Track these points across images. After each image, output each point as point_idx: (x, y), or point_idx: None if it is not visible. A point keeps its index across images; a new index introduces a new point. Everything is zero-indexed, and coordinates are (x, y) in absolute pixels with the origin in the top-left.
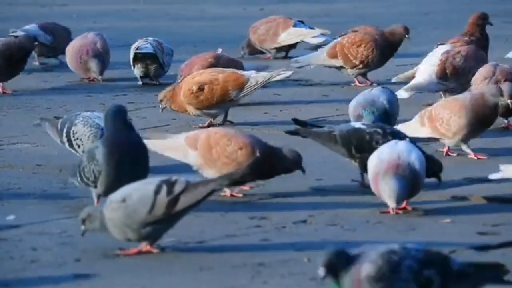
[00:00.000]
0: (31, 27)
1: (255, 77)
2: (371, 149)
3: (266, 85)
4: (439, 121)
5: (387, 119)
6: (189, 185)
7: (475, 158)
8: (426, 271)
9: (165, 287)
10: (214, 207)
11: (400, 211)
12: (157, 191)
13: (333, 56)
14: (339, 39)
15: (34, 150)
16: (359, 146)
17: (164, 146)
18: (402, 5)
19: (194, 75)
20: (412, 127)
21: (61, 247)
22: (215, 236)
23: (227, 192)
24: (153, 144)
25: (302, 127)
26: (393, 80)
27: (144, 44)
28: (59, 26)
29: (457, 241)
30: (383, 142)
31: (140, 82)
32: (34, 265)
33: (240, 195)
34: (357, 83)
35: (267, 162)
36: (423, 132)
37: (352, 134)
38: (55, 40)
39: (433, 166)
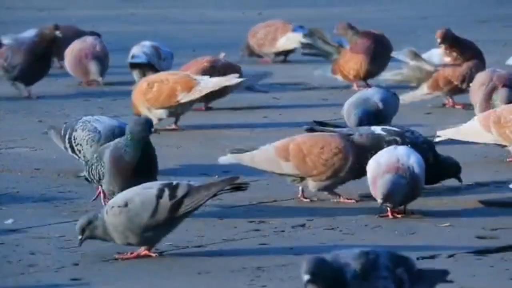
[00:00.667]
0: (29, 33)
1: (206, 81)
2: None
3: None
4: (510, 127)
5: (378, 118)
6: (192, 189)
7: None
8: (398, 270)
9: None
10: (212, 211)
11: (399, 215)
12: (159, 195)
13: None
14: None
15: (33, 154)
16: (376, 153)
17: (254, 159)
18: (400, 10)
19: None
20: (473, 131)
21: (60, 251)
22: (213, 240)
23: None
24: (241, 158)
25: (321, 127)
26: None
27: (138, 52)
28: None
29: (456, 245)
30: None
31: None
32: (32, 269)
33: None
34: (355, 87)
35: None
36: (488, 137)
37: (370, 140)
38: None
39: (450, 167)
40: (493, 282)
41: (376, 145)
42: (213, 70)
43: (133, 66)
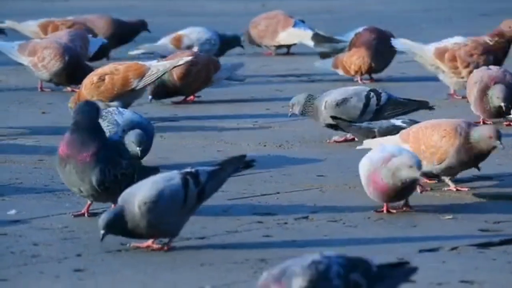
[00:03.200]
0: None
1: (155, 65)
2: None
3: (268, 81)
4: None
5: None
6: (211, 174)
7: None
8: (352, 275)
9: (166, 283)
10: (216, 203)
11: (394, 211)
12: (185, 184)
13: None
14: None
15: (36, 145)
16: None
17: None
18: (403, 2)
19: (96, 70)
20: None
21: (62, 242)
22: (216, 232)
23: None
24: (370, 143)
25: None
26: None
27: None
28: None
29: (458, 238)
30: None
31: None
32: (35, 260)
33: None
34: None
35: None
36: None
37: (392, 131)
38: None
39: None
40: (495, 275)
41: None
42: (198, 65)
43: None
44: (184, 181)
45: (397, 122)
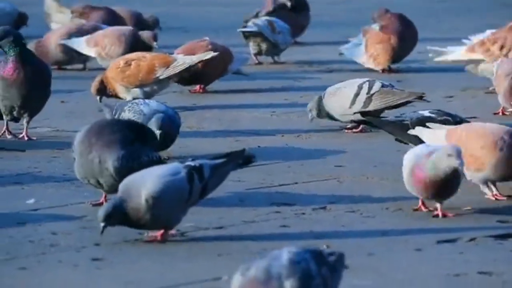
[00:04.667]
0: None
1: (182, 58)
2: None
3: (286, 71)
4: None
5: None
6: (214, 169)
7: None
8: (323, 270)
9: (183, 272)
10: (233, 193)
11: (428, 209)
12: (190, 179)
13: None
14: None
15: (55, 134)
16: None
17: (428, 137)
18: None
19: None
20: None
21: (81, 231)
22: (234, 222)
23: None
24: (421, 132)
25: (374, 117)
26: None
27: (250, 23)
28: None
29: (476, 229)
30: None
31: (255, 60)
32: (54, 249)
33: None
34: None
35: None
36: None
37: (423, 122)
38: None
39: None
40: None
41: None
42: (216, 52)
43: (247, 37)
44: (189, 175)
45: (426, 112)
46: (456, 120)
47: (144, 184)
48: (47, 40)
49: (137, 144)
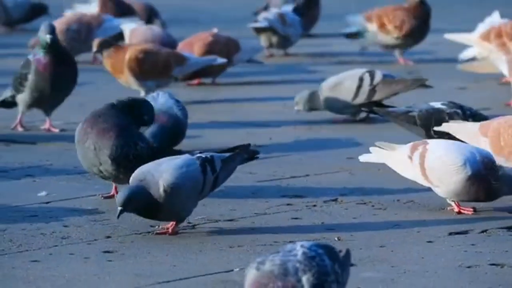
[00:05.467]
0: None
1: (195, 58)
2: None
3: (298, 63)
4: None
5: None
6: (224, 161)
7: None
8: (335, 266)
9: (195, 264)
10: (244, 185)
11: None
12: (204, 171)
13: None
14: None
15: (67, 127)
16: (438, 126)
17: (460, 132)
18: None
19: (139, 44)
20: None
21: (92, 224)
22: (245, 214)
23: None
24: (450, 127)
25: (380, 107)
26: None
27: (261, 18)
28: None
29: (488, 220)
30: None
31: (266, 52)
32: (65, 241)
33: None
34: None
35: None
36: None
37: (432, 114)
38: None
39: None
40: None
41: (438, 119)
42: (219, 45)
43: (258, 31)
44: (203, 167)
45: (437, 104)
46: (466, 113)
47: (161, 174)
48: None
49: (133, 129)
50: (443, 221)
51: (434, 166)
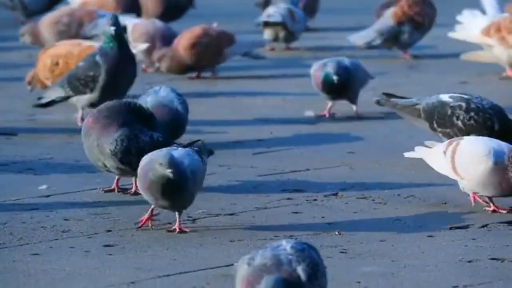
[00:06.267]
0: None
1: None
2: (452, 125)
3: (298, 57)
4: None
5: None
6: (207, 152)
7: None
8: (321, 260)
9: (195, 258)
10: (245, 179)
11: (504, 211)
12: (203, 161)
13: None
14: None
15: (67, 121)
16: (440, 119)
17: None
18: None
19: (50, 49)
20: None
21: (93, 217)
22: (246, 208)
23: None
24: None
25: (388, 99)
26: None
27: (274, 12)
28: None
29: (489, 215)
30: (465, 118)
31: (267, 45)
32: (66, 235)
33: None
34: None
35: None
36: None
37: (436, 107)
38: None
39: None
40: None
41: (441, 111)
42: (207, 37)
43: (266, 25)
44: (201, 157)
45: (445, 97)
46: (471, 107)
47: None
48: (40, 23)
49: (135, 125)
50: (444, 216)
51: (462, 157)
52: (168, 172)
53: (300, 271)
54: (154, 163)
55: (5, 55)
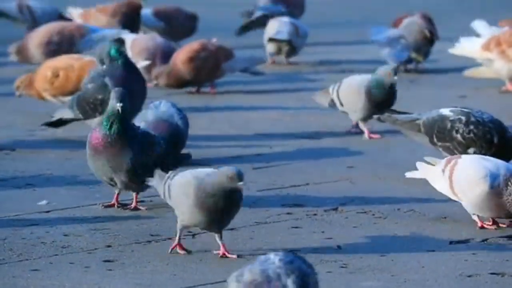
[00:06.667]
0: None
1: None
2: (452, 138)
3: (298, 71)
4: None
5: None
6: None
7: None
8: (312, 270)
9: (195, 274)
10: (245, 194)
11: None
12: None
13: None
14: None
15: (67, 136)
16: (440, 133)
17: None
18: None
19: (50, 61)
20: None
21: (92, 233)
22: (246, 223)
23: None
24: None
25: (389, 114)
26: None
27: (281, 28)
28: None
29: (489, 230)
30: (464, 132)
31: (269, 59)
32: (65, 250)
33: None
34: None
35: None
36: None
37: (436, 121)
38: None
39: None
40: None
41: (441, 125)
42: (205, 51)
43: (271, 40)
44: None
45: (445, 111)
46: (471, 120)
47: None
48: (29, 41)
49: (143, 136)
50: (444, 230)
51: (459, 178)
52: (240, 184)
53: (290, 284)
54: (219, 175)
55: (4, 70)
